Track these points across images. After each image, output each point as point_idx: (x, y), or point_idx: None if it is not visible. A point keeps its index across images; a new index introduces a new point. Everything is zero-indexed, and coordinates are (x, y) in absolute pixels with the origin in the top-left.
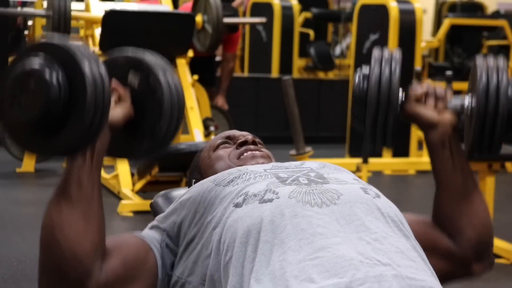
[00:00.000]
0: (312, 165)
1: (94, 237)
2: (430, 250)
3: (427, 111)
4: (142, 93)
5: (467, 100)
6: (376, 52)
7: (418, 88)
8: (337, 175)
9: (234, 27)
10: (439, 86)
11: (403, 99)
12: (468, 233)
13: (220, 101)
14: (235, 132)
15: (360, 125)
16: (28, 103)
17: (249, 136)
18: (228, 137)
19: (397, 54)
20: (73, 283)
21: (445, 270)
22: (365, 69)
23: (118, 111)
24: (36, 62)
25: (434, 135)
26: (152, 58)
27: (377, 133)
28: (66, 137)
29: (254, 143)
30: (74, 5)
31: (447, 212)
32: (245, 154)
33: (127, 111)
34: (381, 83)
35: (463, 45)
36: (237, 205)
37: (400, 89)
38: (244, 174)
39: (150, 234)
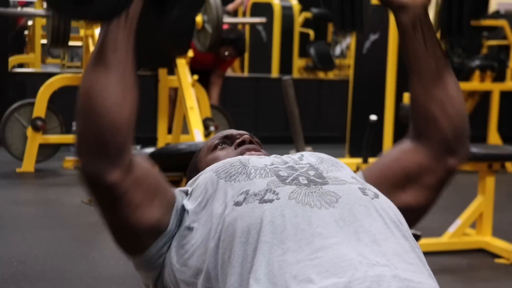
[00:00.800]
0: (310, 160)
1: (131, 108)
2: (412, 178)
3: None
4: None
5: None
6: None
7: None
8: (336, 173)
9: (242, 51)
10: None
11: None
12: (442, 124)
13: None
14: (232, 132)
15: (330, 9)
16: None
17: (246, 135)
18: (226, 137)
19: None
20: (111, 152)
21: (431, 184)
22: None
23: None
24: None
25: (405, 17)
26: None
27: (345, 15)
28: (102, 2)
29: (251, 142)
30: None
31: (422, 101)
32: (243, 154)
33: None
34: None
35: (463, 45)
36: (237, 204)
37: None
38: (245, 168)
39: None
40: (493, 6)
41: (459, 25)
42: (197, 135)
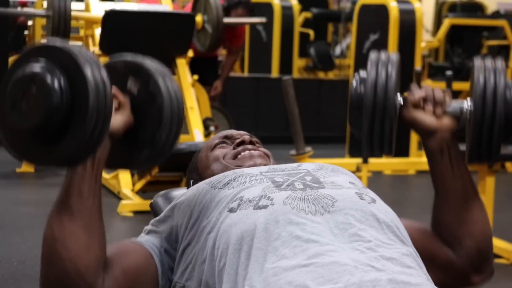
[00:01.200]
0: (309, 167)
1: (97, 251)
2: (429, 260)
3: (425, 117)
4: (142, 100)
5: (465, 104)
6: (373, 55)
7: (416, 92)
8: (333, 179)
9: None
10: (438, 89)
11: (401, 104)
12: (467, 243)
13: (219, 86)
14: (232, 132)
15: (358, 131)
16: (29, 109)
17: (246, 136)
18: (226, 137)
19: (394, 57)
20: None
21: (444, 281)
22: (363, 73)
23: (118, 119)
24: (37, 66)
25: (432, 142)
26: (151, 64)
27: (373, 140)
28: (67, 147)
29: (251, 143)
30: (74, 5)
31: (446, 221)
32: (242, 153)
33: (127, 118)
34: (377, 88)
35: (463, 45)
36: (232, 210)
37: (398, 94)
38: (239, 176)
39: (149, 240)
40: (493, 6)
41: (489, 151)
42: (197, 135)
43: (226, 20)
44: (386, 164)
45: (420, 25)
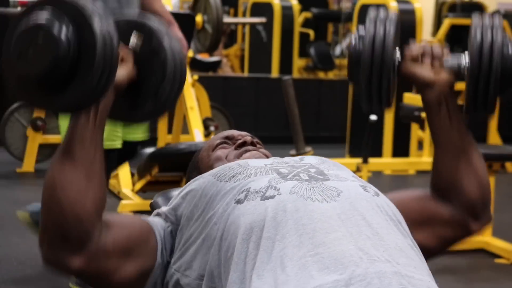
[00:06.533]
0: (311, 160)
1: (96, 197)
2: (429, 222)
3: (424, 70)
4: (145, 55)
5: (463, 58)
6: (371, 12)
7: (414, 47)
8: (337, 172)
9: None
10: (436, 44)
11: (399, 59)
12: (466, 193)
13: None
14: (233, 132)
15: (358, 87)
16: (35, 57)
17: (247, 136)
18: (227, 137)
19: (393, 14)
20: (73, 243)
21: (445, 236)
22: (362, 30)
23: (121, 71)
24: (44, 16)
25: (431, 95)
26: (154, 22)
27: (372, 94)
28: (72, 94)
29: (252, 144)
30: None
31: (445, 172)
32: (244, 155)
33: (130, 71)
34: (375, 43)
35: (463, 45)
36: (239, 202)
37: (397, 49)
38: (245, 169)
39: (154, 220)
40: (493, 6)
41: (485, 103)
42: (197, 135)
43: (226, 20)
44: (386, 164)
45: (420, 25)
